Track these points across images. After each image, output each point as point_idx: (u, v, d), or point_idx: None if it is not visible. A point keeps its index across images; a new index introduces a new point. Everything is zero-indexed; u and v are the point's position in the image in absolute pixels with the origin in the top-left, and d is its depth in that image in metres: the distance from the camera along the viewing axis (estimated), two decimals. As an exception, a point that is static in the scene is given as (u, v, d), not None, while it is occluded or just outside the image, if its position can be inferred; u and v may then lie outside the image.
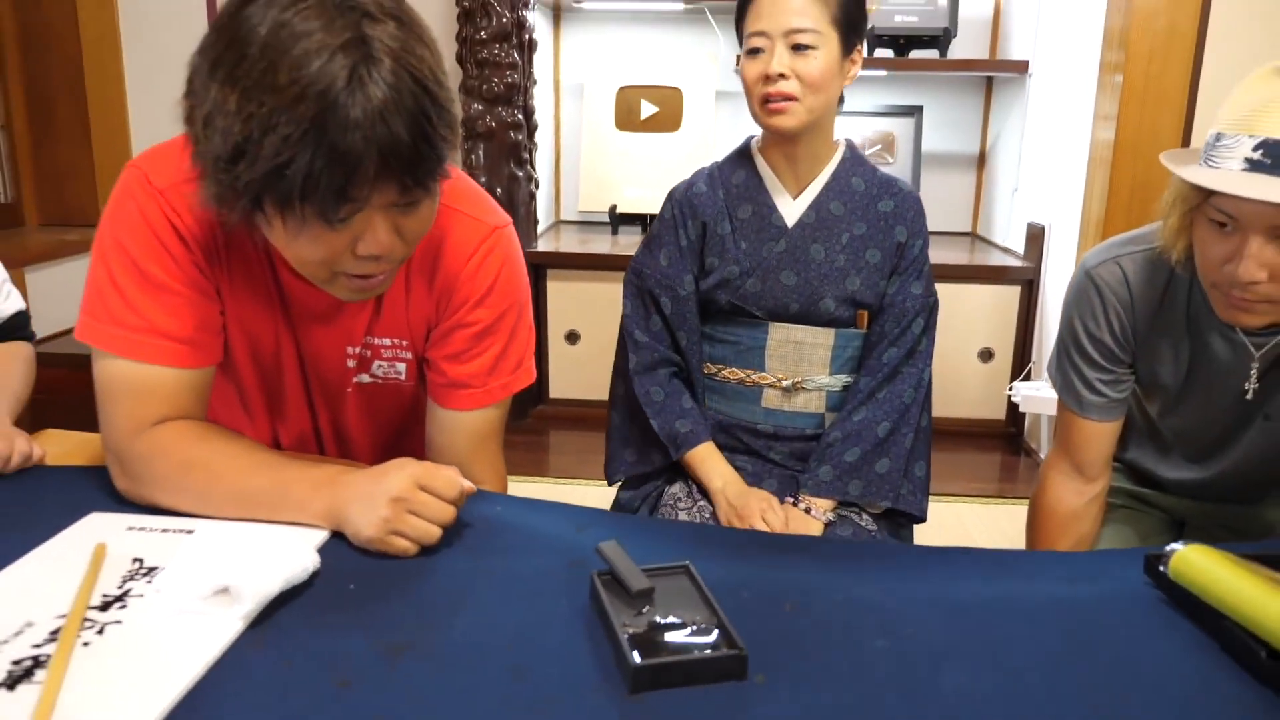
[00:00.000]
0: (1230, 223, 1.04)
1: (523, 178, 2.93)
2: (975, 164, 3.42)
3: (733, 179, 1.45)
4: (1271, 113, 1.00)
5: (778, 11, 1.30)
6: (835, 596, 0.88)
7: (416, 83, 0.82)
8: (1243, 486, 1.35)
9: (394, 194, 0.86)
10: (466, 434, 1.13)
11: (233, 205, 0.84)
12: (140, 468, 0.99)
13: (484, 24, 2.79)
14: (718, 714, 0.70)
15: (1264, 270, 1.03)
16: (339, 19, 0.80)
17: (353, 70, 0.79)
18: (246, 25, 0.80)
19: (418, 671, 0.74)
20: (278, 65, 0.78)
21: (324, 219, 0.84)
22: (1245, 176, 1.00)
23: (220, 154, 0.81)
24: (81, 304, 1.01)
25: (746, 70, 1.35)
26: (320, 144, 0.78)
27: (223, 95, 0.80)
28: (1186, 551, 0.87)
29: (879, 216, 1.42)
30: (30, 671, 0.71)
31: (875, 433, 1.40)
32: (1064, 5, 2.75)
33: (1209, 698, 0.75)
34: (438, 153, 0.86)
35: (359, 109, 0.79)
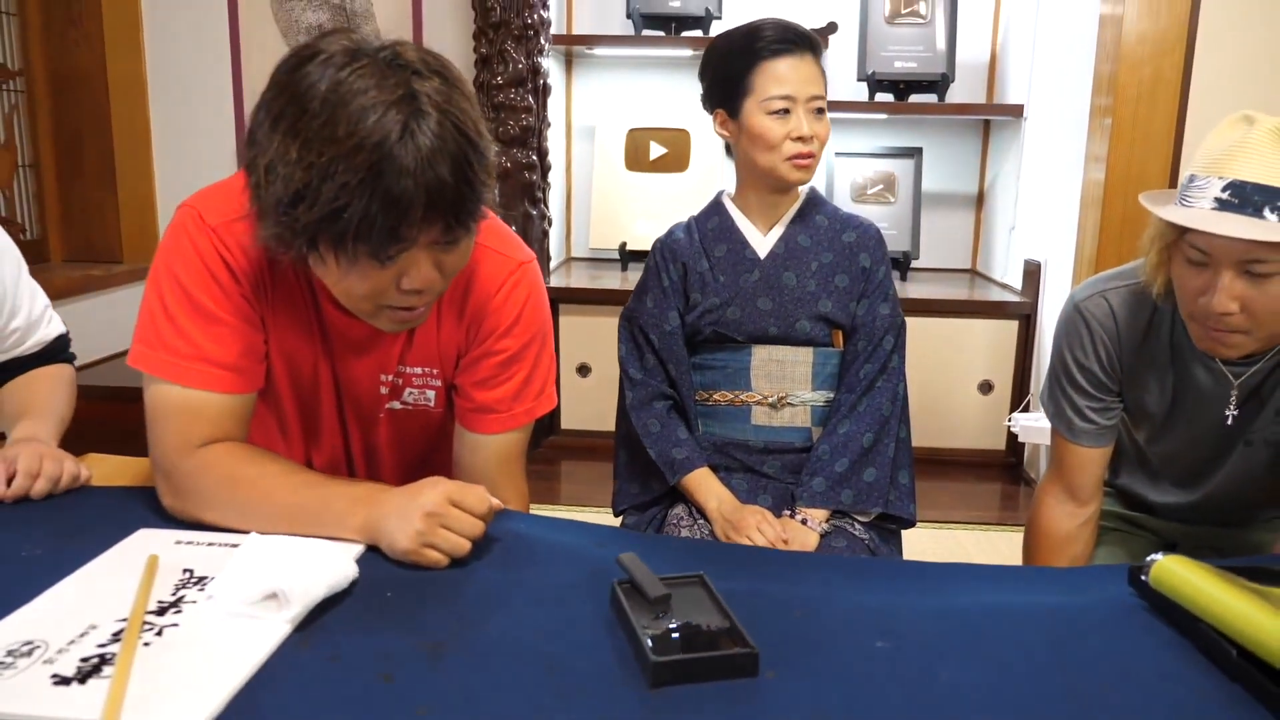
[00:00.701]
0: (1204, 258, 1.11)
1: (536, 216, 3.03)
2: (974, 203, 3.51)
3: (707, 225, 1.59)
4: (1238, 156, 1.08)
5: (800, 79, 1.45)
6: (841, 604, 0.94)
7: (460, 132, 0.91)
8: (1228, 509, 1.41)
9: (438, 233, 0.95)
10: (493, 456, 1.20)
11: (290, 244, 0.93)
12: (188, 484, 1.06)
13: (500, 69, 2.90)
14: (731, 706, 0.76)
15: (1235, 302, 1.10)
16: (390, 77, 0.89)
17: (405, 124, 0.87)
18: (306, 82, 0.89)
19: (457, 666, 0.80)
20: (337, 119, 0.87)
21: (374, 257, 0.93)
22: (1215, 215, 1.08)
23: (281, 198, 0.89)
24: (135, 333, 1.09)
25: (770, 127, 1.45)
26: (376, 190, 0.87)
27: (285, 146, 0.88)
28: (1166, 561, 0.94)
29: (844, 246, 1.56)
30: (98, 668, 0.77)
31: (860, 443, 1.51)
32: (1056, 52, 2.85)
33: (1184, 693, 0.80)
34: (478, 194, 0.95)
35: (410, 158, 0.87)
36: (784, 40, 1.46)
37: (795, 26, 1.48)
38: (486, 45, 2.92)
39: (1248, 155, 1.08)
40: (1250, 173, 1.07)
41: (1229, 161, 1.09)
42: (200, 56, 3.28)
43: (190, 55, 3.28)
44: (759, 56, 1.46)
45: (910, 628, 0.90)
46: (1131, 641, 0.89)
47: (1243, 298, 1.10)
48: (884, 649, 0.86)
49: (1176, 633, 0.90)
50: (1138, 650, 0.88)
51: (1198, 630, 0.87)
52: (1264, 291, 1.09)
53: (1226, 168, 1.09)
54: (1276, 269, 1.08)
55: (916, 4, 3.25)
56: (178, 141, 3.33)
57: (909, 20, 3.25)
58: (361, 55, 0.91)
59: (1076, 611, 0.94)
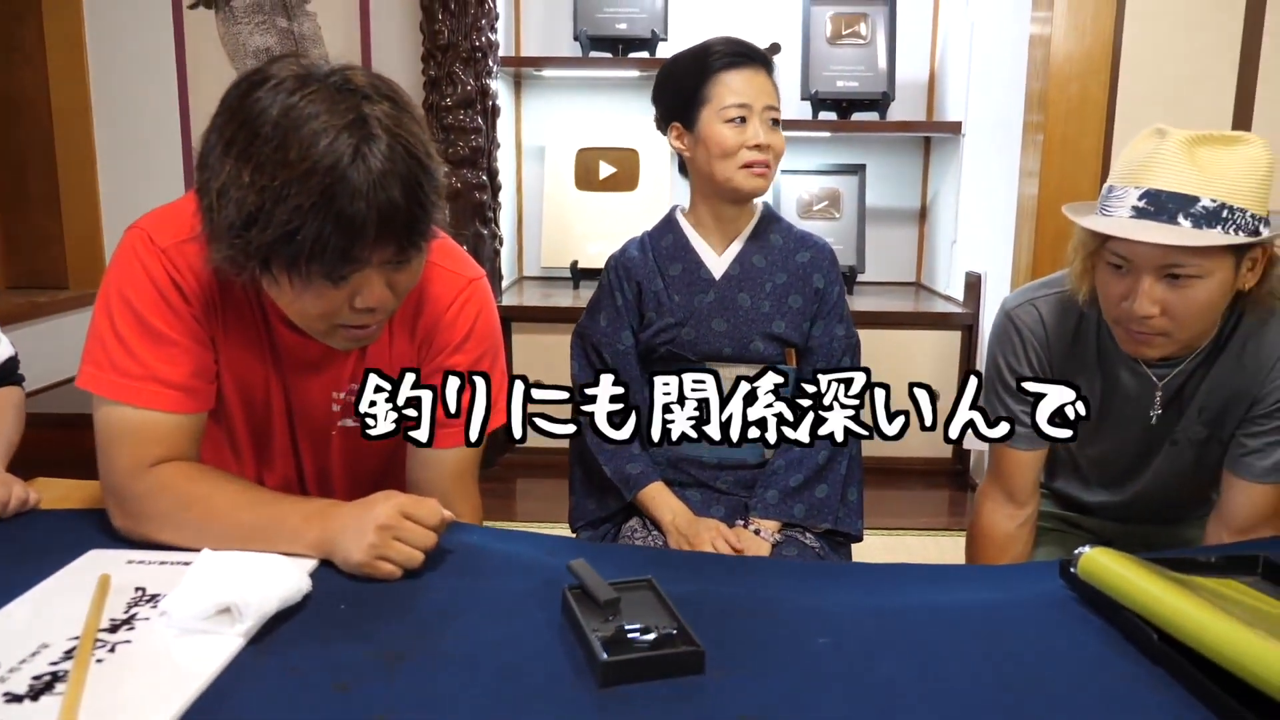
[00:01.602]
0: (1125, 264, 1.17)
1: (487, 235, 3.05)
2: (917, 218, 3.59)
3: (661, 243, 1.60)
4: (1152, 167, 1.14)
5: (756, 89, 1.49)
6: (784, 604, 0.97)
7: (410, 155, 0.93)
8: (1158, 508, 1.46)
9: (391, 253, 0.97)
10: (446, 472, 1.21)
11: (243, 267, 0.94)
12: (139, 506, 1.06)
13: (449, 91, 2.92)
14: (678, 702, 0.79)
15: (1156, 306, 1.15)
16: (341, 102, 0.92)
17: (356, 147, 0.90)
18: (257, 107, 0.91)
19: (413, 675, 0.82)
20: (289, 143, 0.89)
21: (328, 278, 0.95)
22: (1133, 223, 1.13)
23: (234, 221, 0.90)
24: (83, 355, 1.09)
25: (727, 135, 1.48)
26: (329, 212, 0.89)
27: (237, 170, 0.90)
28: (1093, 553, 0.98)
29: (798, 266, 1.58)
30: (50, 685, 0.78)
31: (815, 460, 1.53)
32: (991, 71, 2.95)
33: (1110, 677, 0.85)
34: (429, 215, 0.97)
35: (362, 180, 0.90)
36: (738, 54, 1.50)
37: (748, 43, 1.53)
38: (435, 68, 2.94)
39: (1161, 165, 1.13)
40: (1164, 182, 1.12)
41: (1144, 172, 1.14)
42: (146, 81, 3.25)
43: (136, 79, 3.25)
44: (714, 69, 1.50)
45: (851, 626, 0.93)
46: (1061, 631, 0.93)
47: (1163, 301, 1.15)
48: (825, 646, 0.89)
49: (1103, 621, 0.94)
50: (1067, 639, 0.92)
51: (1122, 617, 0.92)
52: (1183, 295, 1.15)
53: (1142, 178, 1.14)
54: (1194, 273, 1.13)
55: (857, 25, 3.34)
56: (123, 166, 3.30)
57: (850, 41, 3.33)
58: (312, 80, 0.93)
59: (1010, 606, 0.98)
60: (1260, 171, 1.13)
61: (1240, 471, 1.31)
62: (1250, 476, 1.30)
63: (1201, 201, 1.11)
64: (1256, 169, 1.12)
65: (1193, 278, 1.13)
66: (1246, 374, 1.28)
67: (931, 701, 0.80)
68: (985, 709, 0.79)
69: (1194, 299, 1.15)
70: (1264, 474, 1.29)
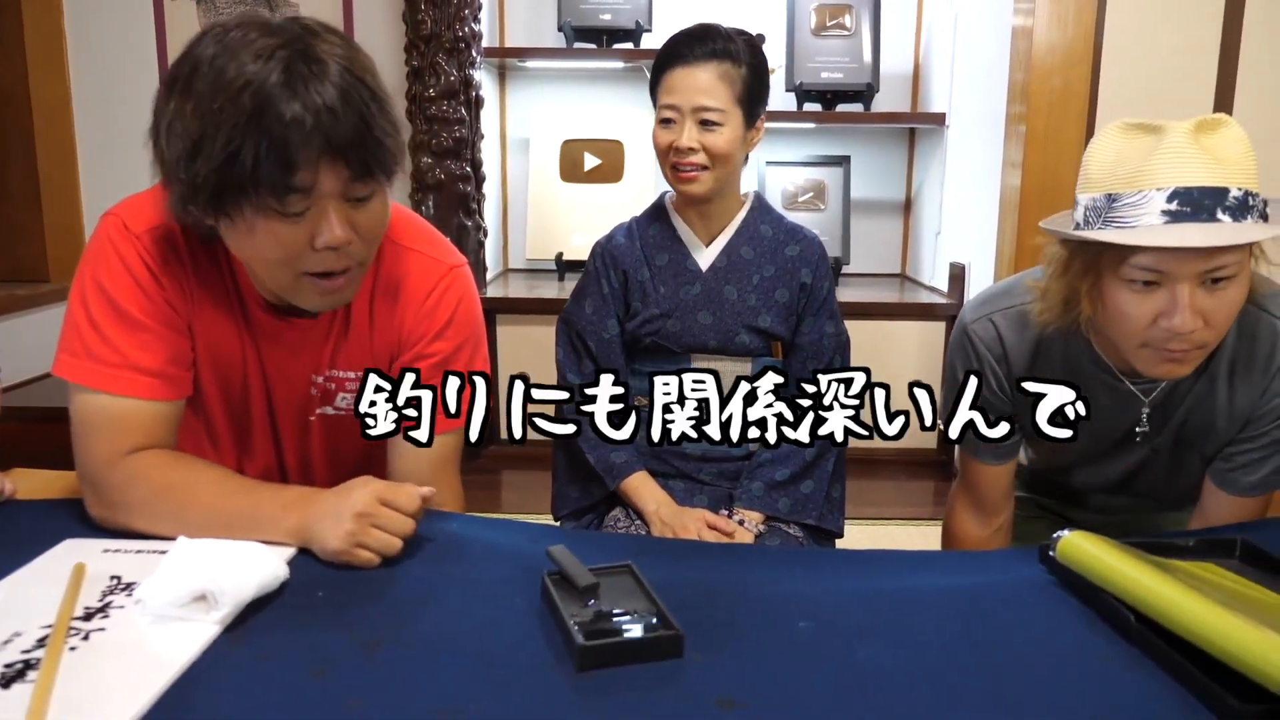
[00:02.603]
0: (1155, 277, 1.03)
1: (471, 227, 3.03)
2: (901, 209, 3.60)
3: (649, 231, 1.58)
4: (1171, 164, 1.02)
5: (688, 89, 1.45)
6: (764, 589, 0.97)
7: (355, 77, 0.94)
8: (1137, 504, 1.44)
9: (342, 178, 0.95)
10: (427, 459, 1.20)
11: (196, 204, 0.94)
12: (117, 495, 1.05)
13: (432, 82, 2.91)
14: (656, 686, 0.79)
15: (1200, 318, 1.03)
16: (279, 32, 0.93)
17: (289, 63, 0.90)
18: (199, 49, 0.93)
19: (390, 660, 0.81)
20: (224, 70, 0.90)
21: (278, 207, 0.93)
22: (1171, 228, 1.01)
23: (180, 154, 0.92)
24: (59, 343, 1.08)
25: (658, 137, 1.50)
26: (263, 128, 0.89)
27: (180, 104, 0.92)
28: (1072, 537, 0.99)
29: (786, 260, 1.56)
30: (22, 673, 0.77)
31: (803, 456, 1.52)
32: (975, 62, 2.95)
33: (1087, 658, 0.85)
34: (379, 140, 0.96)
35: (299, 97, 0.90)
36: (684, 47, 1.47)
37: (704, 31, 1.48)
38: (418, 58, 2.93)
39: (1181, 162, 1.02)
40: (1192, 178, 1.01)
41: (1157, 171, 1.03)
42: (126, 73, 3.22)
43: (116, 71, 3.22)
44: (660, 67, 1.49)
45: (831, 610, 0.93)
46: (1041, 614, 0.94)
47: (1205, 310, 1.04)
48: (805, 630, 0.89)
49: (1081, 603, 0.95)
50: (1046, 621, 0.92)
51: (1100, 600, 0.92)
52: (1222, 300, 1.05)
53: (1159, 177, 1.02)
54: (1233, 273, 1.03)
55: (842, 17, 3.34)
56: (104, 159, 3.27)
57: (835, 32, 3.33)
58: (254, 20, 0.94)
59: (989, 589, 0.99)
60: (1250, 149, 1.05)
61: (1225, 486, 1.26)
62: (1235, 491, 1.26)
63: (1231, 192, 1.01)
64: (1248, 148, 1.05)
65: (1230, 279, 1.03)
66: (1237, 391, 1.21)
67: (912, 683, 0.80)
68: (965, 690, 0.79)
69: (1232, 301, 1.05)
70: (1248, 489, 1.25)
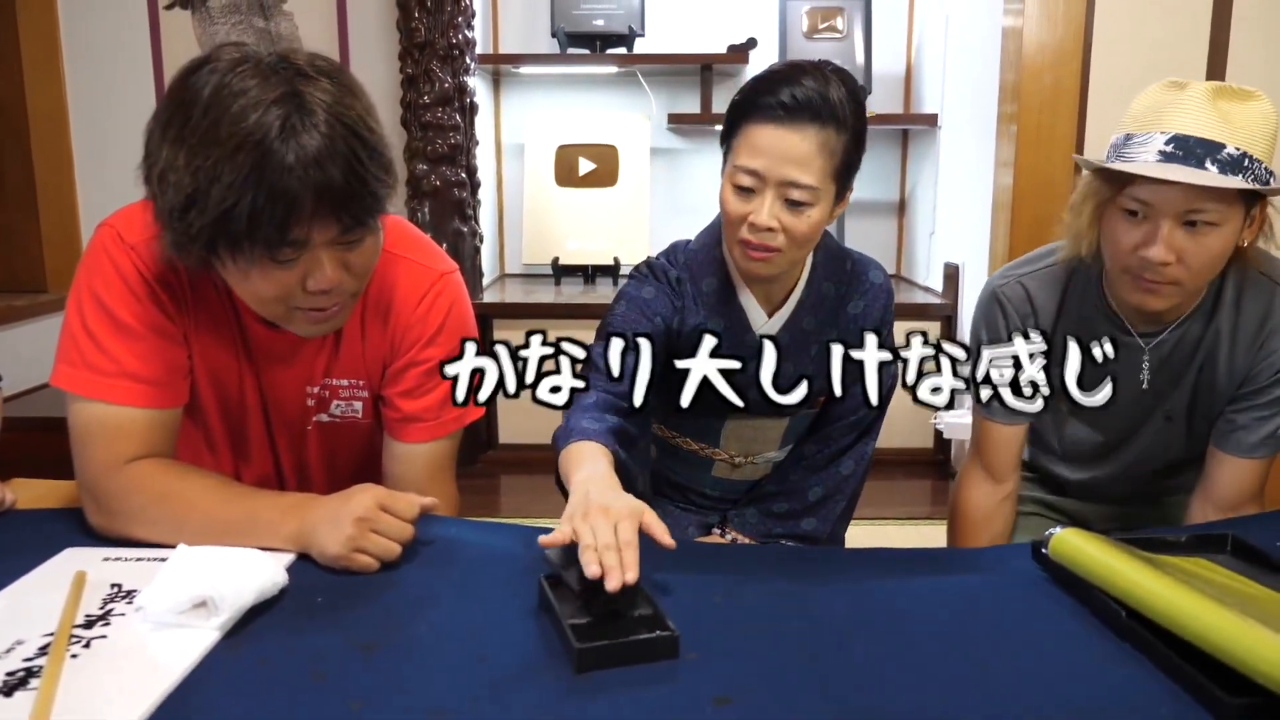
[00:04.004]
0: (1144, 209, 1.17)
1: (467, 233, 3.05)
2: (896, 210, 3.61)
3: (704, 285, 1.32)
4: (1176, 114, 1.16)
5: (778, 157, 1.16)
6: (760, 589, 0.98)
7: (346, 128, 0.93)
8: (1141, 486, 1.47)
9: (334, 231, 0.96)
10: (422, 465, 1.21)
11: (190, 251, 0.94)
12: (115, 503, 1.06)
13: (427, 89, 2.92)
14: (653, 686, 0.80)
15: (1173, 253, 1.16)
16: (273, 77, 0.92)
17: (285, 119, 0.90)
18: (192, 90, 0.92)
19: (388, 662, 0.82)
20: (219, 122, 0.89)
21: (271, 258, 0.94)
22: (1160, 165, 1.14)
23: (174, 206, 0.91)
24: (57, 353, 1.09)
25: (729, 203, 1.21)
26: (260, 186, 0.89)
27: (173, 154, 0.91)
28: (1064, 534, 1.00)
29: (848, 320, 1.36)
30: (25, 680, 0.78)
31: (807, 497, 1.41)
32: (966, 63, 2.97)
33: (1079, 653, 0.86)
34: (370, 190, 0.96)
35: (292, 152, 0.89)
36: (778, 99, 1.16)
37: (806, 79, 1.17)
38: (412, 66, 2.94)
39: (1186, 113, 1.15)
40: (1191, 128, 1.14)
41: (1169, 118, 1.15)
42: (122, 82, 3.23)
43: (112, 80, 3.23)
44: (747, 112, 1.20)
45: (825, 608, 0.94)
46: (1034, 610, 0.95)
47: (1180, 249, 1.16)
48: (800, 628, 0.90)
49: (1074, 600, 0.96)
50: (1038, 618, 0.93)
51: (1092, 596, 0.93)
52: (1199, 243, 1.16)
53: (1168, 124, 1.15)
54: (1212, 219, 1.15)
55: (834, 19, 3.35)
56: (101, 169, 3.28)
57: (827, 35, 3.35)
58: (247, 61, 0.93)
59: (983, 586, 1.00)
60: (1271, 126, 1.16)
61: (1228, 447, 1.32)
62: (1238, 452, 1.31)
63: (1226, 149, 1.12)
64: (1269, 123, 1.15)
65: (1210, 225, 1.15)
66: (1238, 349, 1.29)
67: (906, 681, 0.81)
68: (959, 686, 0.80)
69: (1209, 247, 1.17)
70: (1251, 449, 1.31)
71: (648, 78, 3.44)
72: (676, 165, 3.56)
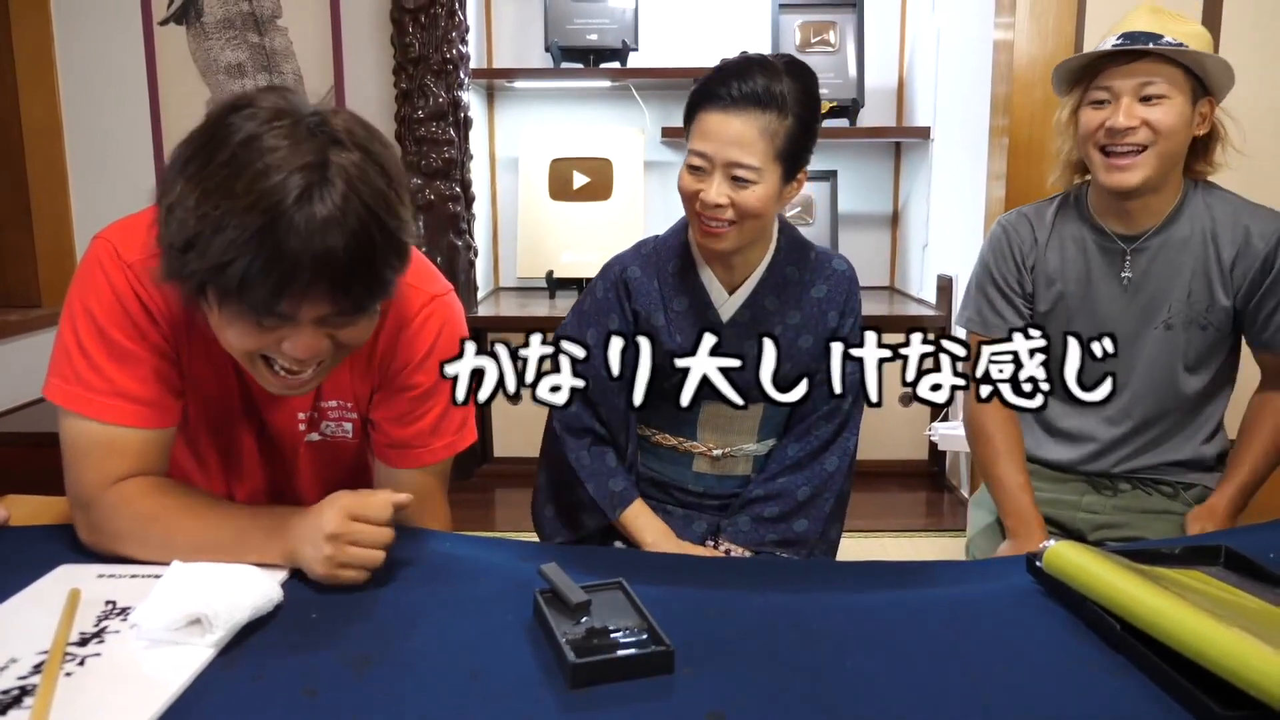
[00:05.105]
0: (1106, 94, 1.43)
1: (462, 247, 3.05)
2: (889, 222, 3.63)
3: (668, 268, 1.45)
4: (1123, 23, 1.45)
5: (720, 139, 1.30)
6: (753, 603, 0.98)
7: (365, 208, 0.89)
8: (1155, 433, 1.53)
9: (327, 310, 0.93)
10: (414, 488, 1.18)
11: (179, 285, 0.93)
12: (106, 522, 1.05)
13: (421, 103, 2.93)
14: (648, 701, 0.80)
15: (1135, 119, 1.40)
16: (306, 141, 0.89)
17: (304, 190, 0.86)
18: (224, 132, 0.88)
19: (382, 678, 0.82)
20: (239, 175, 0.86)
21: (256, 321, 0.93)
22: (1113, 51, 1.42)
23: (175, 242, 0.89)
24: (50, 365, 1.08)
25: (684, 182, 1.35)
26: (260, 250, 0.86)
27: (187, 190, 0.88)
28: (1058, 546, 1.00)
29: (812, 303, 1.45)
30: (19, 699, 0.78)
31: (795, 496, 1.45)
32: (958, 76, 2.98)
33: (1074, 665, 0.86)
34: (376, 273, 0.93)
35: (302, 225, 0.86)
36: (722, 86, 1.30)
37: (748, 68, 1.30)
38: (406, 80, 2.95)
39: (1131, 20, 1.44)
40: (1135, 26, 1.42)
41: (1118, 28, 1.45)
42: (117, 97, 3.23)
43: (106, 96, 3.23)
44: (697, 104, 1.34)
45: (819, 621, 0.94)
46: (1028, 623, 0.95)
47: (1142, 118, 1.41)
48: (794, 642, 0.90)
49: (1068, 612, 0.96)
50: (1032, 630, 0.93)
51: (1086, 608, 0.94)
52: (1156, 112, 1.40)
53: (1120, 28, 1.45)
54: (1163, 92, 1.40)
55: (826, 33, 3.37)
56: (95, 183, 3.28)
57: (819, 48, 3.37)
58: (286, 115, 0.90)
59: (976, 598, 1.00)
60: (1205, 37, 1.42)
61: (1274, 347, 1.48)
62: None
63: (1165, 38, 1.40)
64: (1202, 33, 1.43)
65: (1163, 97, 1.40)
66: (1222, 245, 1.47)
67: (900, 694, 0.81)
68: (953, 699, 0.80)
69: (1165, 114, 1.40)
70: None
71: (641, 91, 3.45)
72: (670, 178, 3.57)
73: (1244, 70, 1.49)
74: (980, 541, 1.63)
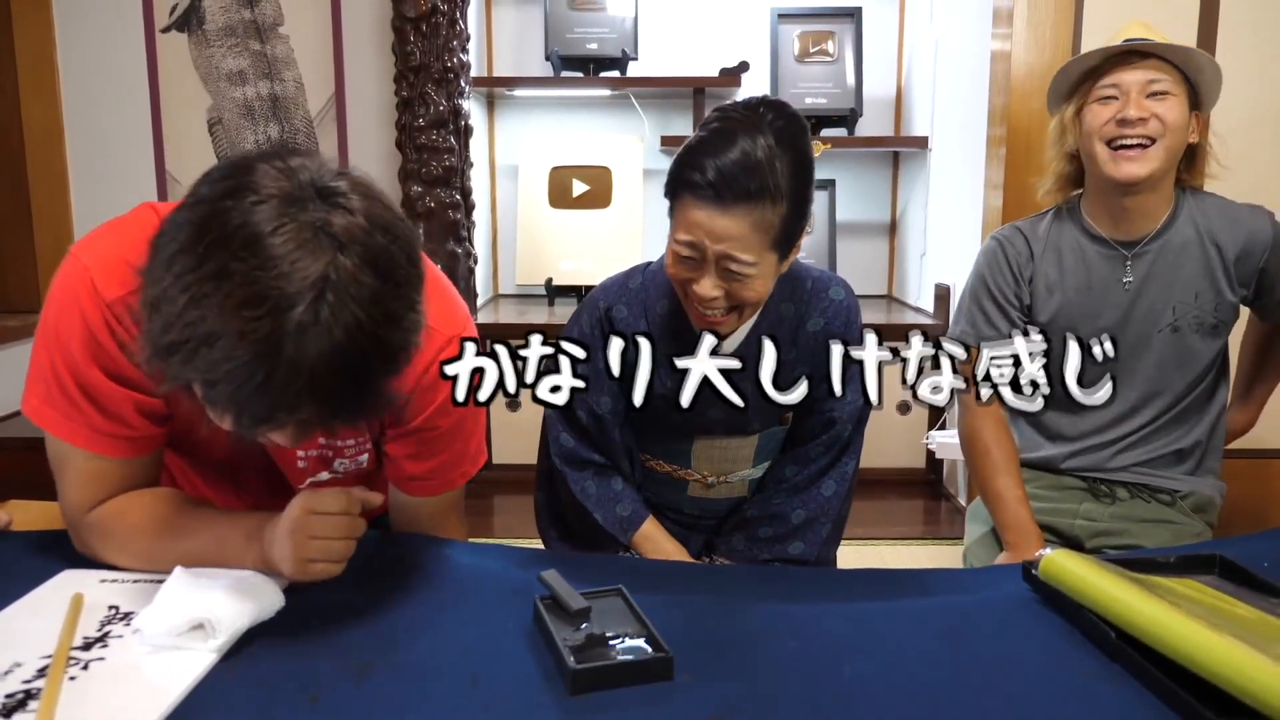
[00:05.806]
0: (1114, 92, 1.48)
1: (462, 254, 3.06)
2: (887, 231, 3.64)
3: (658, 307, 1.36)
4: (1124, 33, 1.51)
5: (712, 236, 1.17)
6: (753, 609, 0.99)
7: (369, 337, 0.81)
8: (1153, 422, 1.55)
9: (316, 424, 0.87)
10: (429, 514, 1.19)
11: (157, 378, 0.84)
12: (95, 541, 1.06)
13: (422, 112, 2.94)
14: (647, 708, 0.80)
15: (1145, 111, 1.45)
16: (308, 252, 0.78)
17: (301, 323, 0.77)
18: (219, 222, 0.78)
19: (383, 684, 0.83)
20: (232, 291, 0.76)
21: (239, 429, 0.85)
22: (1123, 48, 1.48)
23: (157, 340, 0.80)
24: (28, 379, 1.04)
25: (672, 267, 1.23)
26: (250, 381, 0.78)
27: (174, 288, 0.78)
28: (1054, 555, 1.01)
29: (808, 338, 1.37)
30: (23, 703, 0.78)
31: (790, 520, 1.41)
32: (955, 86, 3.00)
33: (1069, 673, 0.87)
34: (373, 395, 0.86)
35: (298, 358, 0.78)
36: (707, 177, 1.16)
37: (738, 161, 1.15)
38: (407, 89, 2.96)
39: (1128, 30, 1.51)
40: (1135, 34, 1.50)
41: (1118, 36, 1.52)
42: (118, 102, 3.24)
43: (108, 101, 3.24)
44: (680, 190, 1.21)
45: (818, 629, 0.95)
46: (1024, 631, 0.96)
47: (1150, 110, 1.46)
48: (793, 649, 0.90)
49: (1064, 621, 0.97)
50: (1028, 638, 0.94)
51: (1082, 617, 0.94)
52: (1163, 106, 1.46)
53: (1121, 35, 1.51)
54: (1169, 89, 1.46)
55: (825, 43, 3.39)
56: (96, 189, 3.28)
57: (818, 59, 3.39)
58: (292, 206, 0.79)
59: (974, 607, 1.01)
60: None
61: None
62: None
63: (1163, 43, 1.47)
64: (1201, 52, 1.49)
65: (1168, 94, 1.46)
66: (1221, 239, 1.51)
67: (898, 701, 0.82)
68: (950, 707, 0.81)
69: (1173, 109, 1.46)
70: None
71: (641, 100, 3.47)
72: (670, 186, 3.58)
73: (1239, 77, 1.54)
74: (977, 550, 1.64)
